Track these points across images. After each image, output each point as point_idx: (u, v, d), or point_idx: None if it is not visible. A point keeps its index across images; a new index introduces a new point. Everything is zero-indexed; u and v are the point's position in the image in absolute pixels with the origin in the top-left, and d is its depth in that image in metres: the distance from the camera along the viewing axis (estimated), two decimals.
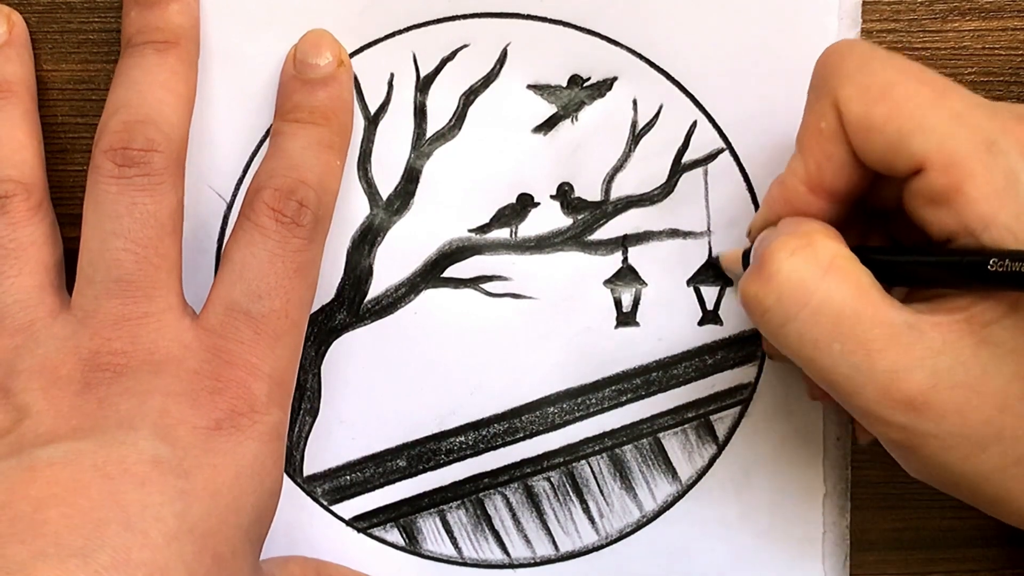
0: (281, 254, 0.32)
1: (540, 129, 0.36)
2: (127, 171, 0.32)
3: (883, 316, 0.28)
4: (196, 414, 0.31)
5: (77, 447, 0.29)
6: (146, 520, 0.28)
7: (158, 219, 0.32)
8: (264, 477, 0.31)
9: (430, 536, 0.37)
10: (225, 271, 0.32)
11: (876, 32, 0.35)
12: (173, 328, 0.32)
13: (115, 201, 0.32)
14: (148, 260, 0.32)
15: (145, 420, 0.30)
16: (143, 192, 0.32)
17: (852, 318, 0.28)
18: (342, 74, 0.35)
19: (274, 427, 0.32)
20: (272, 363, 0.32)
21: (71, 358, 0.31)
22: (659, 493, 0.37)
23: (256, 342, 0.32)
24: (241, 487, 0.30)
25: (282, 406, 0.32)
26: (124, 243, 0.32)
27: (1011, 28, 0.35)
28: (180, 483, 0.29)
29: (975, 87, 0.35)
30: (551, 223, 0.36)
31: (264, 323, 0.32)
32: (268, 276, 0.32)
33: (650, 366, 0.37)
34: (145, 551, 0.27)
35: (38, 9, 0.36)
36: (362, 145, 0.36)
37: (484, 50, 0.36)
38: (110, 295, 0.32)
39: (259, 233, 0.32)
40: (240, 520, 0.30)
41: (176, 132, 0.33)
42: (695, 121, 0.36)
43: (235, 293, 0.32)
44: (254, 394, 0.31)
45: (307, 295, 0.33)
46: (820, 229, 0.30)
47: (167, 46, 0.34)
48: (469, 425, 0.37)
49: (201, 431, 0.30)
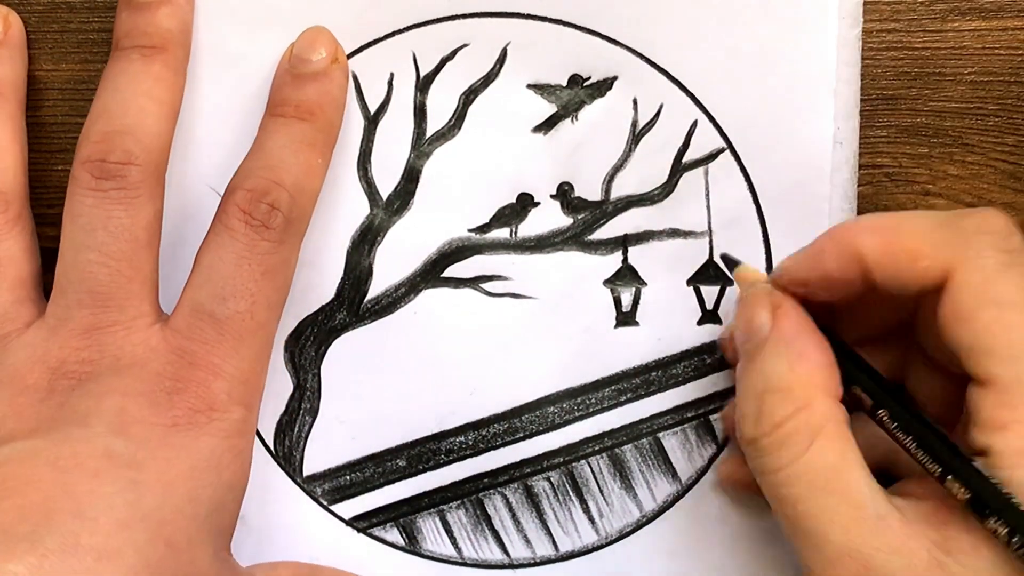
0: (248, 256, 0.32)
1: (540, 129, 0.36)
2: (103, 184, 0.32)
3: (856, 496, 0.29)
4: (154, 412, 0.31)
5: (33, 445, 0.30)
6: (97, 508, 0.28)
7: (132, 232, 0.32)
8: (222, 471, 0.32)
9: (430, 536, 0.37)
10: (195, 273, 0.33)
11: (876, 32, 0.35)
12: (141, 333, 0.32)
13: (91, 214, 0.32)
14: (121, 273, 0.32)
15: (101, 418, 0.30)
16: (119, 205, 0.32)
17: (826, 488, 0.29)
18: (334, 71, 0.35)
19: (234, 424, 0.32)
20: (235, 363, 0.32)
21: (39, 367, 0.32)
22: (659, 493, 0.37)
23: (219, 343, 0.32)
24: (196, 479, 0.31)
25: (246, 405, 0.33)
26: (97, 256, 0.32)
27: (1011, 28, 0.35)
28: (132, 474, 0.30)
29: (975, 87, 0.35)
30: (551, 223, 0.36)
31: (228, 324, 0.32)
32: (234, 279, 0.32)
33: (650, 366, 0.37)
34: (95, 536, 0.28)
35: (38, 9, 0.36)
36: (362, 145, 0.36)
37: (484, 50, 0.36)
38: (81, 305, 0.32)
39: (228, 235, 0.32)
40: (196, 510, 0.31)
41: (156, 142, 0.33)
42: (695, 121, 0.36)
43: (201, 295, 0.32)
44: (214, 393, 0.32)
45: (276, 297, 0.33)
46: (818, 383, 0.30)
47: (154, 51, 0.34)
48: (469, 425, 0.37)
49: (158, 428, 0.31)
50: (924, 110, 0.36)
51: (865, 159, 0.36)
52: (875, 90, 0.36)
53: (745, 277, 0.34)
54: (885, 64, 0.36)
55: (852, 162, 0.35)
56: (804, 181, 0.35)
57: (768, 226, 0.36)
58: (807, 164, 0.35)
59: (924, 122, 0.36)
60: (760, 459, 0.30)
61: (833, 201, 0.35)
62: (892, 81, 0.36)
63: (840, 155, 0.35)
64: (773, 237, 0.36)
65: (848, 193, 0.35)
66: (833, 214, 0.35)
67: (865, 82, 0.35)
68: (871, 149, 0.36)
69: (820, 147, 0.35)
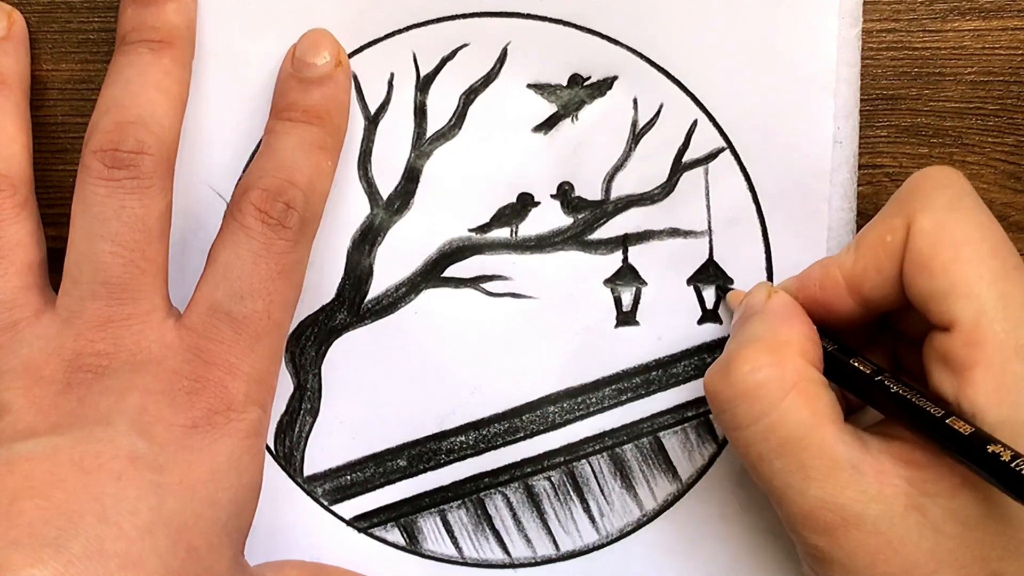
0: (265, 255, 0.32)
1: (540, 128, 0.36)
2: (116, 173, 0.32)
3: (830, 449, 0.29)
4: (174, 413, 0.31)
5: (55, 442, 0.29)
6: (120, 513, 0.28)
7: (146, 223, 0.32)
8: (241, 473, 0.32)
9: (431, 536, 0.37)
10: (209, 271, 0.33)
11: (876, 32, 0.35)
12: (156, 329, 0.32)
13: (103, 204, 0.32)
14: (134, 264, 0.32)
15: (123, 417, 0.30)
16: (132, 195, 0.32)
17: (799, 443, 0.30)
18: (339, 74, 0.35)
19: (252, 425, 0.32)
20: (252, 363, 0.32)
21: (54, 358, 0.32)
22: (659, 492, 0.37)
23: (236, 342, 0.32)
24: (217, 482, 0.31)
25: (262, 405, 0.33)
26: (111, 247, 0.32)
27: (1011, 28, 0.35)
28: (155, 478, 0.29)
29: (975, 87, 0.36)
30: (551, 222, 0.36)
31: (245, 324, 0.32)
32: (251, 277, 0.32)
33: (650, 365, 0.37)
34: (119, 542, 0.28)
35: (38, 9, 0.36)
36: (362, 145, 0.36)
37: (484, 49, 0.36)
38: (95, 297, 0.32)
39: (244, 234, 0.32)
40: (216, 515, 0.31)
41: (167, 134, 0.33)
42: (695, 120, 0.36)
43: (218, 294, 0.32)
44: (232, 394, 0.32)
45: (291, 296, 0.33)
46: (795, 343, 0.31)
47: (162, 46, 0.34)
48: (469, 425, 0.37)
49: (178, 429, 0.31)
50: (924, 110, 0.36)
51: (865, 159, 0.36)
52: (875, 90, 0.36)
53: (735, 297, 0.35)
54: (885, 64, 0.36)
55: (852, 162, 0.35)
56: (804, 181, 0.35)
57: (768, 226, 0.36)
58: (807, 164, 0.35)
59: (924, 122, 0.36)
60: (733, 412, 0.31)
61: (833, 201, 0.36)
62: (892, 81, 0.36)
63: (840, 155, 0.35)
64: (773, 237, 0.36)
65: (848, 193, 0.36)
66: (833, 214, 0.35)
67: (865, 82, 0.35)
68: (871, 149, 0.36)
69: (820, 147, 0.35)
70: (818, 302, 0.33)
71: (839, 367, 0.32)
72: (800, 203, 0.36)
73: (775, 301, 0.33)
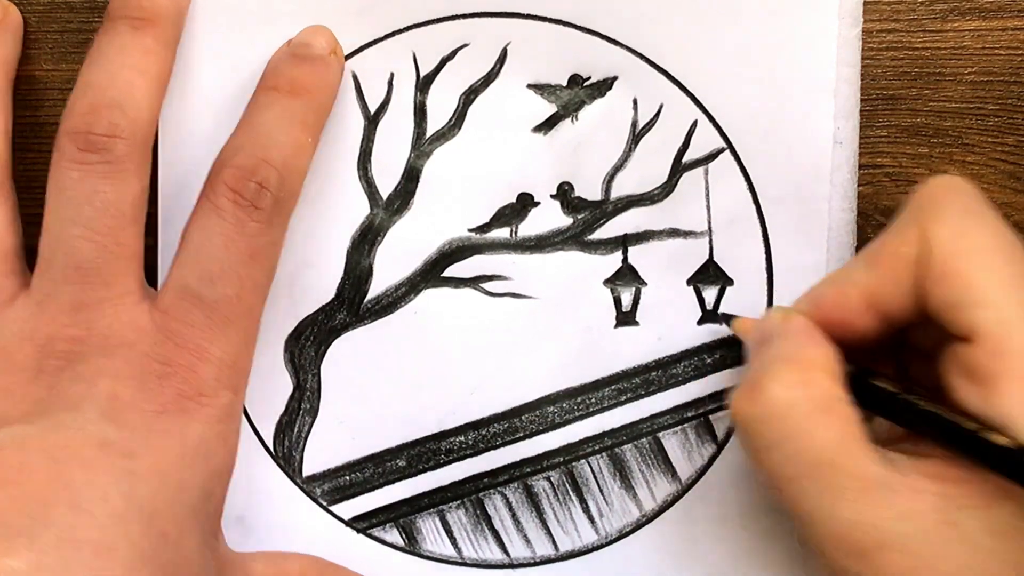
0: (237, 238, 0.32)
1: (540, 129, 0.36)
2: (89, 156, 0.31)
3: (860, 469, 0.29)
4: (144, 397, 0.31)
5: (25, 431, 0.29)
6: (92, 500, 0.28)
7: (119, 208, 0.32)
8: (210, 457, 0.32)
9: (430, 536, 0.37)
10: (183, 252, 0.32)
11: (876, 32, 0.35)
12: (129, 312, 0.32)
13: (76, 187, 0.32)
14: (107, 248, 0.32)
15: (93, 403, 0.30)
16: (104, 179, 0.31)
17: (829, 465, 0.29)
18: (333, 61, 0.34)
19: (223, 409, 0.32)
20: (223, 347, 0.32)
21: (27, 344, 0.32)
22: (659, 492, 0.37)
23: (207, 326, 0.32)
24: (186, 467, 0.31)
25: (233, 388, 0.33)
26: (82, 231, 0.31)
27: (1011, 28, 0.35)
28: (126, 464, 0.29)
29: (975, 87, 0.35)
30: (551, 223, 0.36)
31: (216, 308, 0.32)
32: (222, 260, 0.32)
33: (649, 365, 0.37)
34: (91, 530, 0.28)
35: (38, 9, 0.36)
36: (362, 145, 0.36)
37: (484, 49, 0.36)
38: (68, 281, 0.32)
39: (216, 215, 0.32)
40: (186, 499, 0.31)
41: (143, 116, 0.32)
42: (695, 120, 0.36)
43: (189, 277, 0.32)
44: (202, 378, 0.32)
45: (263, 279, 0.33)
46: (821, 363, 0.30)
47: (144, 23, 0.33)
48: (469, 425, 0.37)
49: (149, 414, 0.31)
50: (924, 110, 0.36)
51: (865, 159, 0.36)
52: (875, 90, 0.36)
53: (743, 325, 0.35)
54: (885, 64, 0.36)
55: (852, 162, 0.35)
56: (804, 181, 0.35)
57: (768, 226, 0.36)
58: (807, 164, 0.35)
59: (924, 122, 0.36)
60: (761, 433, 0.30)
61: (833, 201, 0.35)
62: (892, 81, 0.36)
63: (840, 155, 0.35)
64: (773, 237, 0.36)
65: (848, 193, 0.36)
66: (833, 214, 0.35)
67: (865, 82, 0.35)
68: (871, 149, 0.36)
69: (820, 147, 0.35)
70: (834, 321, 0.32)
71: (861, 386, 0.31)
72: (800, 203, 0.36)
73: (795, 322, 0.32)
